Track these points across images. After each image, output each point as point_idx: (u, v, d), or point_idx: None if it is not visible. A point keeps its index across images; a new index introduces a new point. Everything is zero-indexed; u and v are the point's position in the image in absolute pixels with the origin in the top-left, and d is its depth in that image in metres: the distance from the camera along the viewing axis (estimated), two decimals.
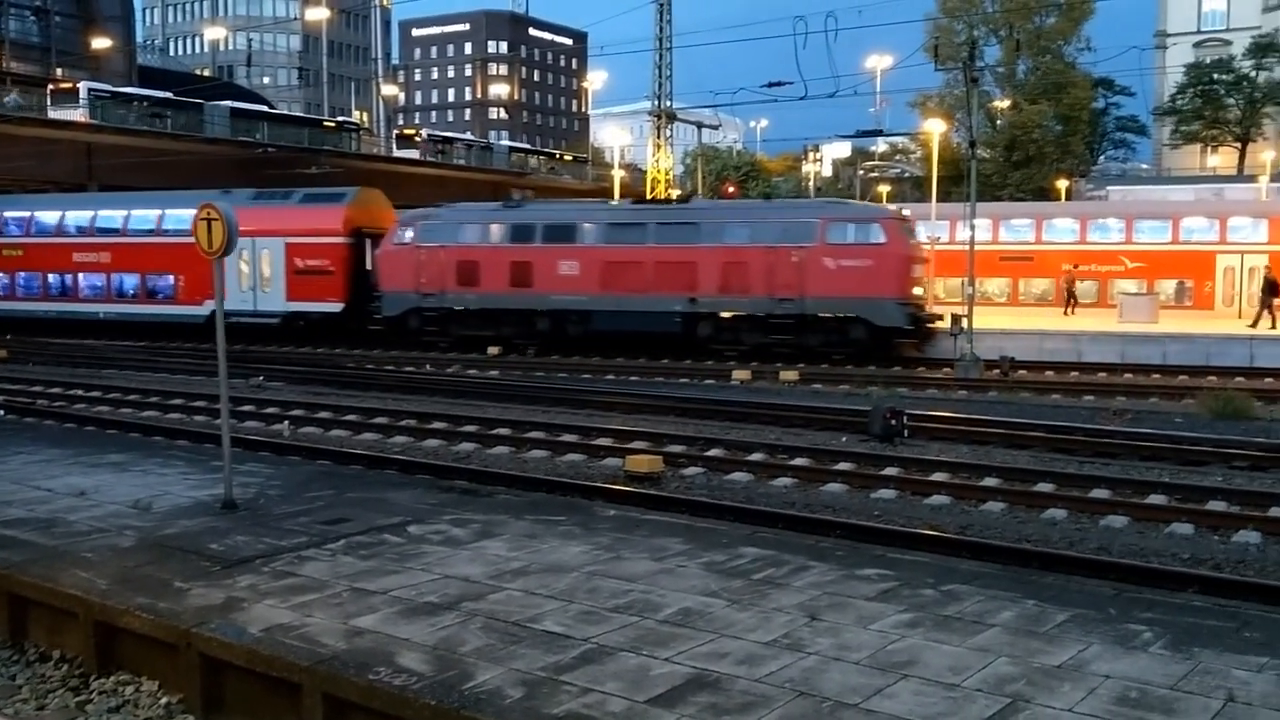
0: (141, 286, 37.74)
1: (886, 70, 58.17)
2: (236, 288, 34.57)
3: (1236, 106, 61.04)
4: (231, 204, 34.47)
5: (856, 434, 17.48)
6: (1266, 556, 10.85)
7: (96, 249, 37.97)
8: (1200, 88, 61.36)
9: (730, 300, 30.00)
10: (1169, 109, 63.75)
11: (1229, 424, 18.88)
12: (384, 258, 33.63)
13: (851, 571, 8.26)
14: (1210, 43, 66.81)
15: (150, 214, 37.47)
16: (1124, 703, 5.82)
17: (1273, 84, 59.73)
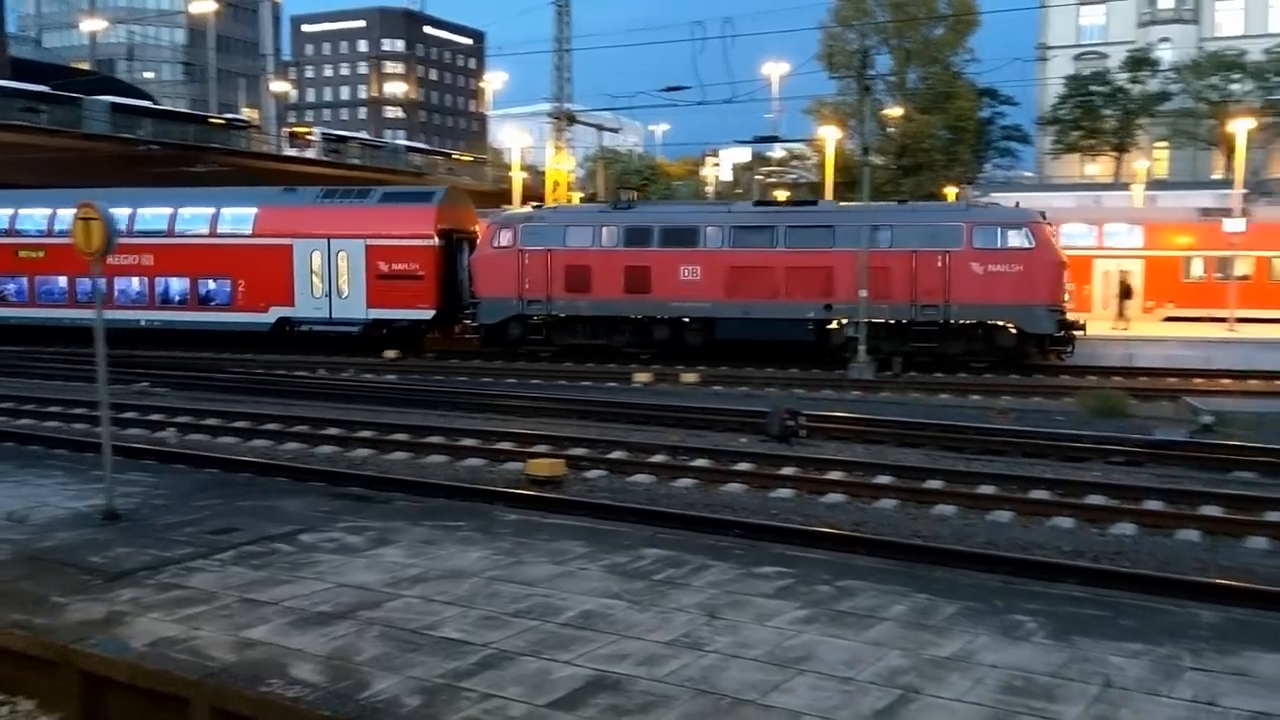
0: (192, 291, 34.14)
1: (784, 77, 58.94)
2: (309, 294, 32.65)
3: (1113, 117, 63.33)
4: (293, 202, 30.75)
5: (756, 435, 17.69)
6: (1141, 547, 11.31)
7: (137, 250, 33.45)
8: (1079, 99, 63.52)
9: (870, 307, 28.14)
10: (1050, 119, 65.86)
11: (1107, 421, 19.61)
12: (482, 261, 31.37)
13: (750, 570, 8.36)
14: (1089, 55, 69.26)
15: (203, 212, 34.23)
16: (1009, 691, 6.02)
17: (1146, 96, 62.13)
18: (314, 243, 32.48)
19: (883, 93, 61.82)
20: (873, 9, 64.12)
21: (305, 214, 33.24)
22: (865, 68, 32.73)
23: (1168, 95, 61.42)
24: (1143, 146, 64.82)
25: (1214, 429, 19.02)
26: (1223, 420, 19.53)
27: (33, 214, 35.52)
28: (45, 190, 37.36)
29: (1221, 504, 12.92)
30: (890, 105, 61.79)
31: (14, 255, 35.49)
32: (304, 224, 32.90)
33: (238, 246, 33.23)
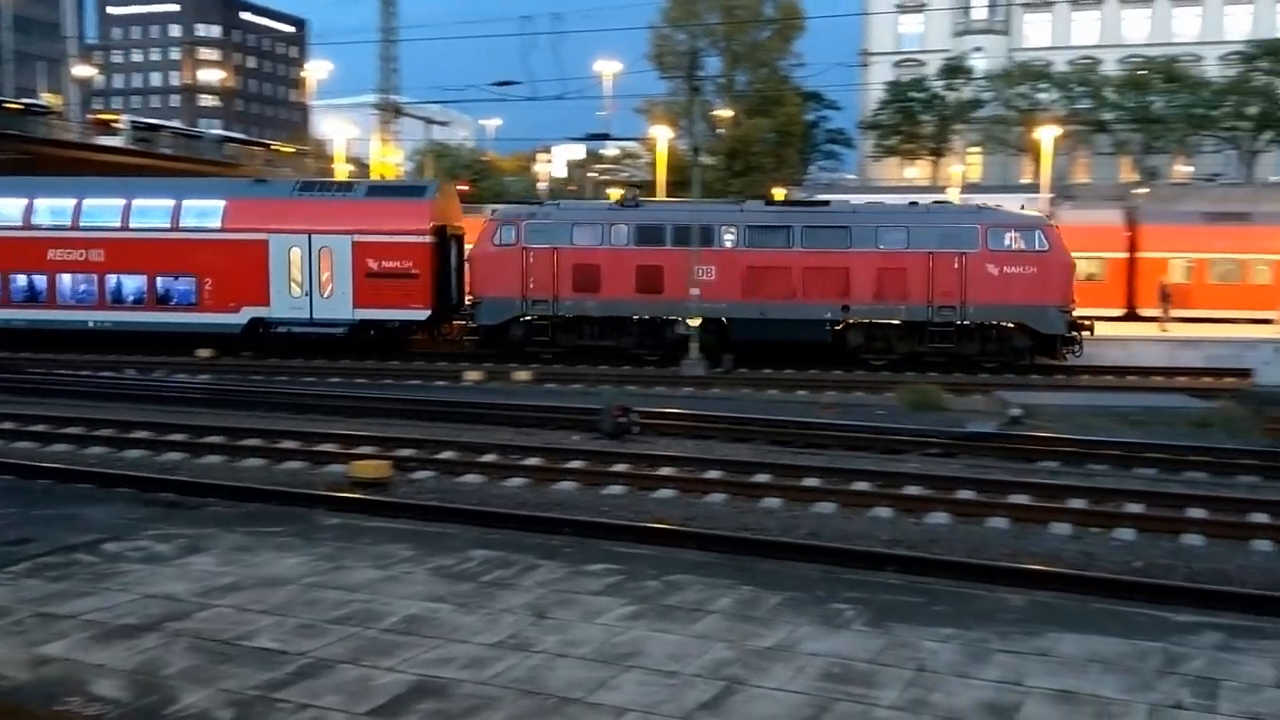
0: (150, 290, 31.40)
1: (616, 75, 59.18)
2: (286, 293, 30.53)
3: (930, 123, 66.02)
4: (267, 195, 28.28)
5: (588, 432, 17.70)
6: (954, 535, 11.79)
7: (84, 245, 31.14)
8: (899, 105, 66.02)
9: (887, 308, 28.65)
10: (871, 124, 68.21)
11: (924, 415, 20.41)
12: (482, 260, 30.10)
13: (580, 568, 8.32)
14: (908, 63, 72.06)
15: (162, 205, 31.42)
16: (829, 678, 6.15)
17: (961, 103, 64.97)
18: (293, 238, 30.43)
19: (712, 94, 62.82)
20: (702, 11, 65.10)
21: (282, 207, 31.21)
22: (694, 69, 33.20)
23: (981, 103, 64.35)
24: (958, 151, 67.79)
25: (1022, 421, 20.01)
26: (1030, 413, 20.57)
27: None
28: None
29: (1028, 492, 13.60)
30: (720, 107, 62.86)
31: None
32: (281, 218, 30.77)
33: (204, 241, 30.81)
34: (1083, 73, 64.05)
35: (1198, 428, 19.89)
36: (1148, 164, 62.10)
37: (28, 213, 31.78)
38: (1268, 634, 7.01)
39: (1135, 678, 6.17)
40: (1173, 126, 60.08)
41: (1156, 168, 61.82)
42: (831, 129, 73.88)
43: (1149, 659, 6.46)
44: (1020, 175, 63.45)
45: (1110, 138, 63.25)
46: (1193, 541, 11.65)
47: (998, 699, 5.88)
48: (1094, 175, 65.31)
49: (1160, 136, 61.24)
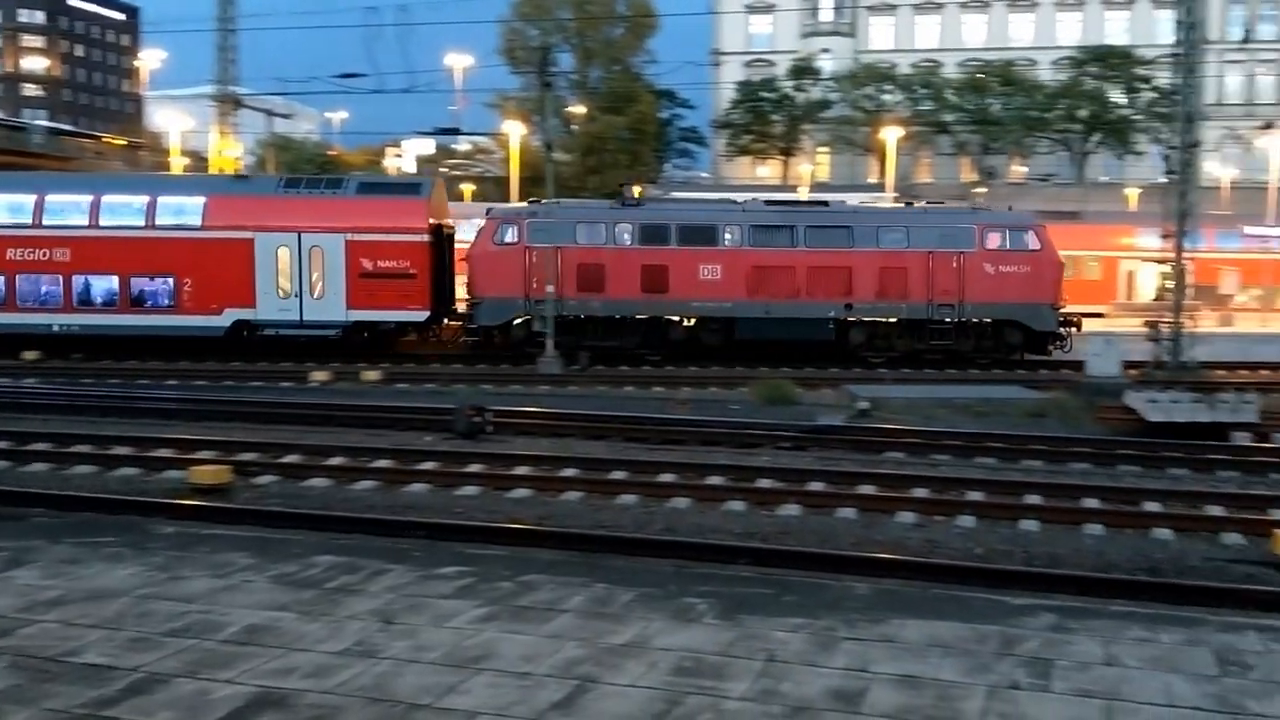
0: (123, 292, 29.46)
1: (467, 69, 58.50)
2: (274, 294, 29.07)
3: (781, 123, 67.33)
4: (250, 191, 26.96)
5: (441, 432, 17.42)
6: (806, 526, 12.00)
7: (47, 244, 29.18)
8: (750, 104, 67.16)
9: (888, 306, 29.07)
10: (723, 123, 69.22)
11: (777, 409, 20.77)
12: (484, 259, 29.13)
13: (430, 571, 8.15)
14: (758, 63, 73.36)
15: (135, 201, 29.53)
16: (680, 672, 6.15)
17: (810, 104, 66.47)
18: (281, 237, 29.06)
19: (566, 90, 62.76)
20: (553, 6, 64.93)
21: (268, 205, 29.71)
22: (546, 65, 33.04)
23: (828, 103, 65.94)
24: (807, 151, 69.34)
25: (870, 414, 20.56)
26: (877, 405, 21.16)
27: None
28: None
29: (875, 483, 13.96)
30: (574, 103, 62.85)
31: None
32: (267, 216, 29.33)
33: (183, 240, 29.17)
34: (925, 75, 66.30)
35: (1034, 417, 20.78)
36: (986, 164, 64.64)
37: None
38: (1098, 614, 7.32)
39: (974, 660, 6.36)
40: (1009, 128, 62.72)
41: (994, 168, 64.40)
42: (685, 127, 74.71)
43: (987, 642, 6.67)
44: (867, 175, 65.28)
45: (951, 139, 65.61)
46: (1029, 527, 12.13)
47: (845, 686, 5.98)
48: (937, 175, 67.66)
49: (998, 138, 63.86)
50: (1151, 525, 12.09)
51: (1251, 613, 7.99)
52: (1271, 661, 6.36)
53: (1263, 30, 69.31)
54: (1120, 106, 62.26)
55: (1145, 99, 60.24)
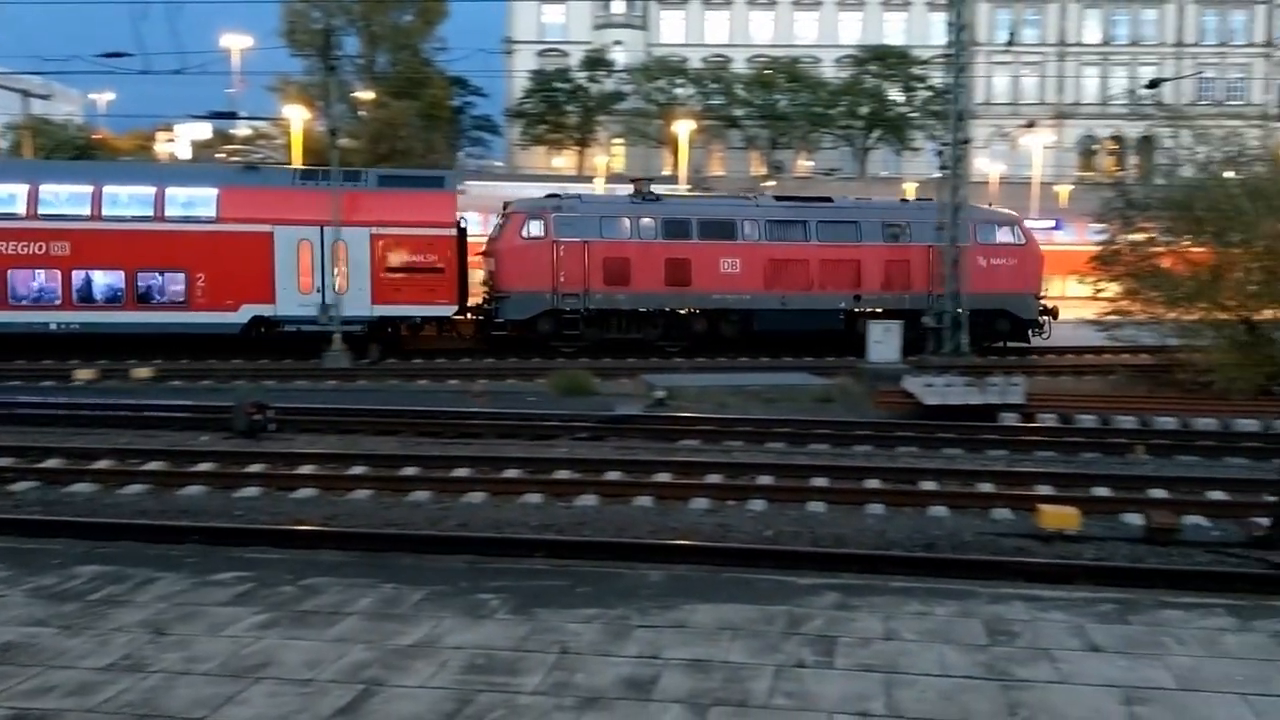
0: (129, 287, 27.64)
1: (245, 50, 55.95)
2: (294, 289, 28.14)
3: (575, 113, 67.52)
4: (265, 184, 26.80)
5: (220, 431, 16.62)
6: (603, 517, 12.01)
7: (43, 237, 27.22)
8: (544, 94, 67.05)
9: (894, 297, 30.38)
10: (517, 112, 68.88)
11: (574, 399, 20.79)
12: (510, 253, 29.17)
13: (206, 578, 7.73)
14: (551, 52, 73.27)
15: (142, 192, 27.86)
16: (472, 670, 6.03)
17: (604, 95, 66.91)
18: (302, 230, 28.13)
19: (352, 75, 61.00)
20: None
21: (287, 197, 28.67)
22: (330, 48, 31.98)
23: (622, 95, 66.54)
24: (602, 142, 69.77)
25: (666, 403, 20.85)
26: (673, 394, 21.46)
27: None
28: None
29: (671, 471, 14.11)
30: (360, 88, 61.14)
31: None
32: (287, 209, 28.30)
33: (197, 234, 27.83)
34: (715, 70, 67.75)
35: (820, 403, 21.54)
36: (775, 158, 66.63)
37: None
38: (878, 590, 7.58)
39: (762, 641, 6.48)
40: (796, 123, 64.84)
41: (782, 162, 66.46)
42: (478, 115, 73.89)
43: (775, 622, 6.81)
44: (662, 167, 66.24)
45: (741, 133, 67.30)
46: (817, 508, 12.50)
47: (637, 674, 5.98)
48: (728, 168, 69.26)
49: (785, 133, 65.91)
50: (928, 504, 12.66)
51: (1018, 583, 8.44)
52: (1036, 629, 6.73)
53: (1026, 34, 73.97)
54: (898, 104, 65.28)
55: (921, 97, 63.39)
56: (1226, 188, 23.64)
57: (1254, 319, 21.61)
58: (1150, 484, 13.69)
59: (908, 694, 5.72)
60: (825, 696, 5.70)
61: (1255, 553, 10.50)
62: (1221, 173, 24.70)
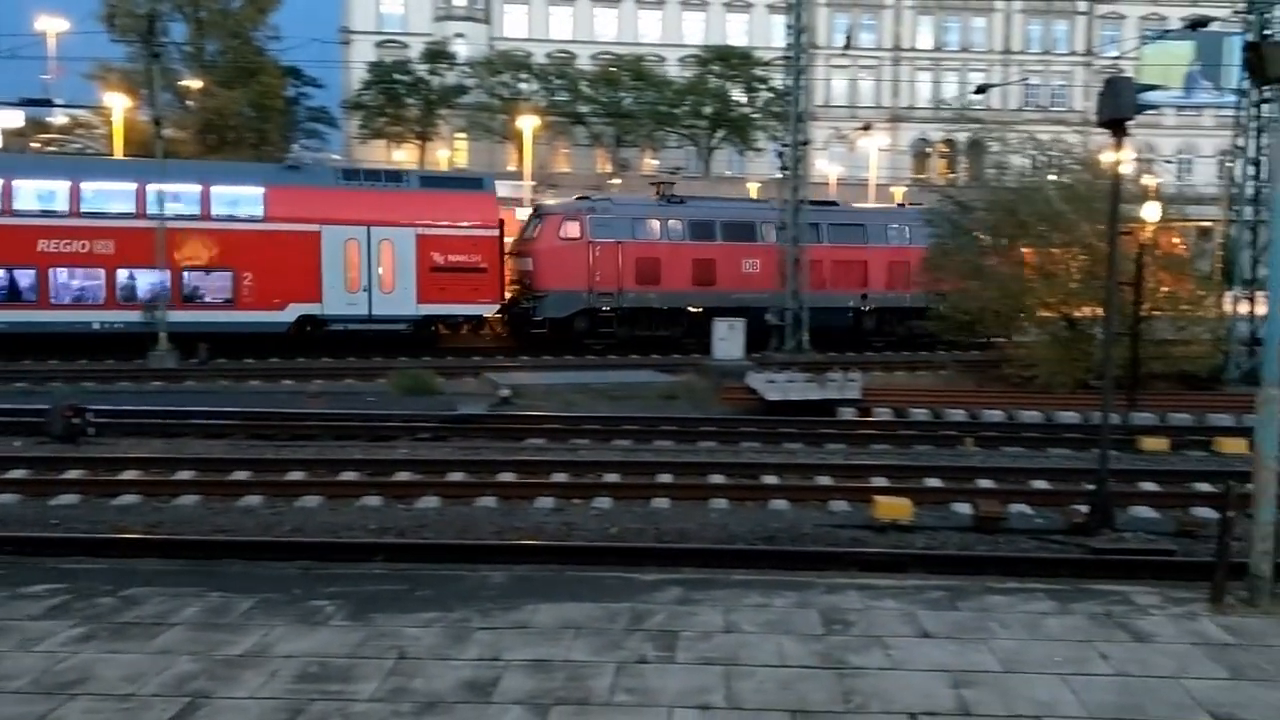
0: (174, 286, 27.44)
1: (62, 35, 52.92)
2: (341, 288, 28.53)
3: (416, 106, 66.21)
4: (311, 183, 26.83)
5: (34, 436, 15.70)
6: (445, 518, 11.80)
7: (87, 235, 26.88)
8: (383, 86, 65.52)
9: (895, 295, 32.64)
10: (356, 104, 67.20)
11: (416, 399, 20.42)
12: (548, 254, 30.30)
13: (16, 591, 7.30)
14: (390, 44, 71.68)
15: (188, 190, 27.77)
16: (305, 679, 5.83)
17: (445, 89, 65.82)
18: (349, 230, 28.58)
19: (178, 62, 58.48)
20: None
21: (333, 197, 28.89)
22: (154, 34, 30.58)
23: (465, 89, 65.65)
24: (445, 137, 68.71)
25: (512, 401, 20.68)
26: (519, 392, 21.31)
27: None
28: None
29: (516, 470, 13.98)
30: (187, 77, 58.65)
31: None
32: (334, 209, 28.62)
33: (245, 233, 28.05)
34: (560, 66, 67.54)
35: (666, 400, 21.71)
36: (620, 156, 66.91)
37: (7, 195, 26.93)
38: (720, 584, 7.66)
39: (605, 639, 6.46)
40: (641, 122, 65.14)
41: (628, 160, 66.76)
42: (313, 107, 71.72)
43: (618, 619, 6.81)
44: (506, 163, 65.72)
45: (587, 130, 67.29)
46: (661, 505, 12.55)
47: (477, 676, 5.89)
48: (574, 165, 69.20)
49: (631, 131, 66.16)
50: (770, 497, 12.86)
51: (854, 573, 8.65)
52: (869, 618, 6.90)
53: (862, 38, 76.15)
54: (741, 105, 66.31)
55: (763, 98, 64.52)
56: (1047, 192, 24.87)
57: (1074, 316, 22.74)
58: (979, 474, 14.24)
59: (747, 685, 5.79)
60: (666, 691, 5.72)
61: (1075, 539, 11.01)
62: (1045, 177, 26.00)
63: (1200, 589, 7.45)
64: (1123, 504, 12.22)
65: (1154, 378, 21.74)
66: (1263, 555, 7.23)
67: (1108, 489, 11.50)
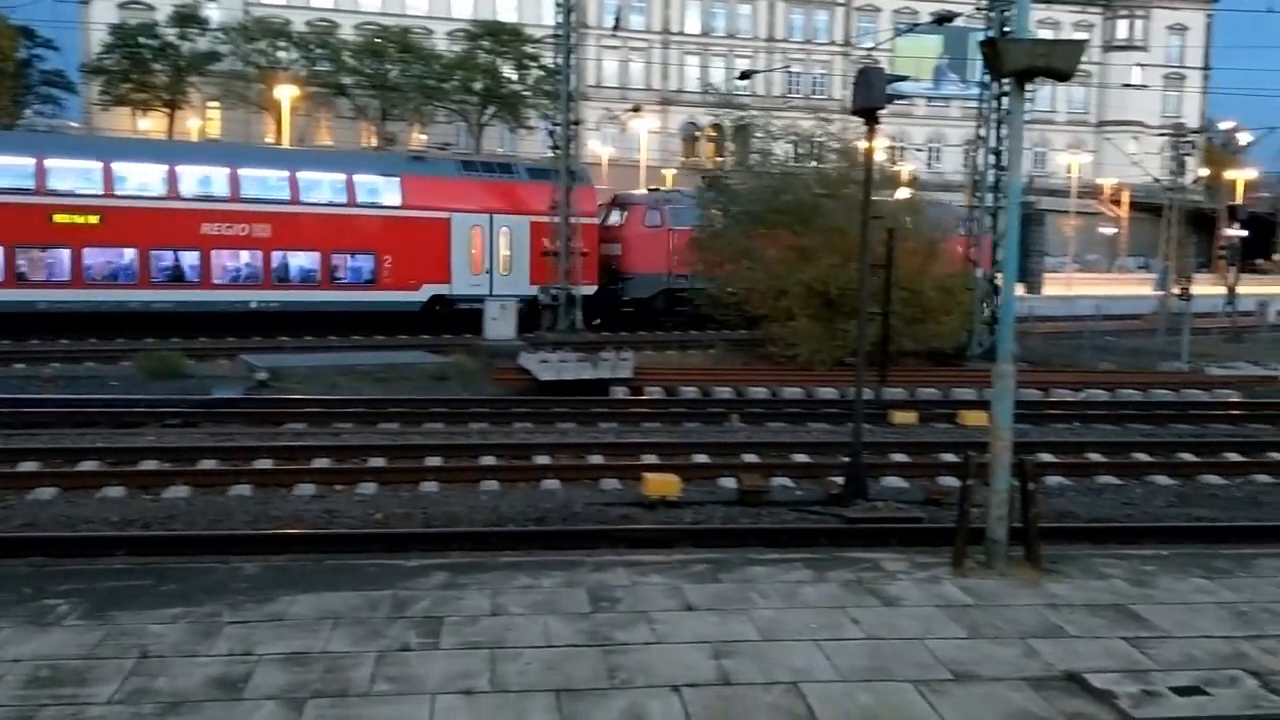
0: (324, 268, 30.01)
1: None
2: (467, 271, 31.43)
3: (164, 73, 62.35)
4: (437, 173, 31.89)
5: None
6: (195, 509, 11.15)
7: (245, 219, 28.97)
8: (127, 50, 61.39)
9: None
10: (96, 68, 62.77)
11: (165, 383, 19.29)
12: (635, 240, 33.66)
13: None
14: (134, 5, 67.18)
15: (335, 178, 30.61)
16: (34, 684, 5.41)
17: (196, 55, 62.33)
18: (474, 217, 31.58)
19: None
20: None
21: (459, 187, 31.82)
22: None
23: (218, 56, 62.41)
24: (196, 105, 65.13)
25: (270, 384, 19.83)
26: (278, 375, 20.46)
27: (76, 167, 28.31)
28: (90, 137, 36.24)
29: (273, 457, 13.39)
30: None
31: (46, 220, 27.11)
32: (460, 197, 31.57)
33: (386, 219, 30.55)
34: (321, 35, 65.17)
35: (437, 381, 21.34)
36: (387, 131, 65.25)
37: (173, 181, 28.68)
38: (487, 567, 7.55)
39: (366, 628, 6.25)
40: (409, 95, 63.69)
41: (394, 135, 65.18)
42: (48, 70, 66.51)
43: (380, 607, 6.60)
44: (263, 134, 62.98)
45: (351, 102, 65.26)
46: (430, 488, 12.29)
47: (227, 673, 5.59)
48: (337, 138, 67.00)
49: (397, 104, 64.60)
50: (542, 477, 12.81)
51: (623, 550, 8.72)
52: (636, 594, 6.96)
53: (633, 20, 77.01)
54: (512, 82, 65.82)
55: (534, 76, 64.23)
56: (806, 178, 25.83)
57: (831, 295, 23.73)
58: (744, 449, 14.66)
59: (512, 667, 5.72)
60: (430, 677, 5.58)
61: (832, 509, 11.48)
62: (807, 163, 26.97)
63: (944, 554, 7.88)
64: (876, 475, 12.82)
65: (905, 355, 23.01)
66: (998, 520, 7.72)
67: (862, 461, 12.04)
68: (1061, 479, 13.34)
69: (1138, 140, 77.38)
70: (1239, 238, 45.61)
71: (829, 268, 23.29)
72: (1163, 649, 6.23)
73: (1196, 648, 6.26)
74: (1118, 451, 15.19)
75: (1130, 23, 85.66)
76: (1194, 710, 5.43)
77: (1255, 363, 26.55)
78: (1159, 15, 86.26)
